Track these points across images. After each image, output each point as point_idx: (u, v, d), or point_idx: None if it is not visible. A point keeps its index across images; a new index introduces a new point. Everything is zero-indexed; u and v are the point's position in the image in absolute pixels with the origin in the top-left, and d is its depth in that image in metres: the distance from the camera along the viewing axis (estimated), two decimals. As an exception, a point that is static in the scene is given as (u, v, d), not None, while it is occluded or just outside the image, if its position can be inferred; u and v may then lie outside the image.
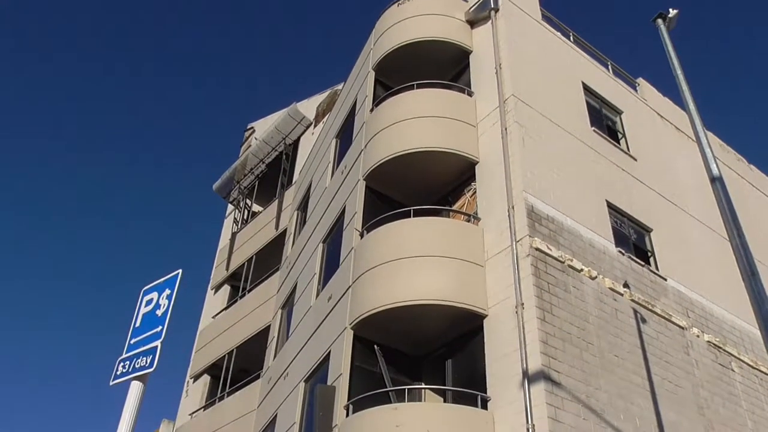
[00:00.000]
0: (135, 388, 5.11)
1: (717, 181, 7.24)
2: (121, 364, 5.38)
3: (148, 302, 5.63)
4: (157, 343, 5.17)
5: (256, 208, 24.24)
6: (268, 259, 20.25)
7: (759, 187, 18.47)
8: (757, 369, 12.66)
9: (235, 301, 20.93)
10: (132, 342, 5.51)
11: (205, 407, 19.34)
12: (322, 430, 10.28)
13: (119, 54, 68.12)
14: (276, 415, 14.36)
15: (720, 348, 12.28)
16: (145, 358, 5.18)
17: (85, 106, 67.32)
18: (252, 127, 27.96)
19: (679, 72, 8.41)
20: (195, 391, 20.46)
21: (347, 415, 10.27)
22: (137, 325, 5.62)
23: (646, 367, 10.50)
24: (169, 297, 5.42)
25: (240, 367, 18.74)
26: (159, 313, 5.40)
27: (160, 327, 5.29)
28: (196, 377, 20.65)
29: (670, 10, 9.00)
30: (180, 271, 5.48)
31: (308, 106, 23.05)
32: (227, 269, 22.49)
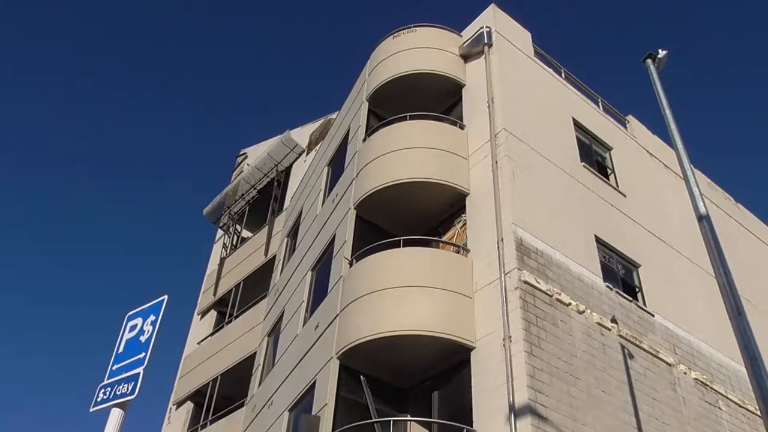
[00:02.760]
0: (115, 416, 5.03)
1: (704, 219, 7.30)
2: (102, 390, 5.30)
3: (132, 327, 5.57)
4: (140, 369, 5.10)
5: (245, 233, 24.18)
6: (256, 285, 20.13)
7: (746, 225, 18.64)
8: (744, 408, 12.63)
9: (222, 326, 20.74)
10: (114, 368, 5.43)
11: (187, 435, 19.00)
12: (305, 462, 10.11)
13: (115, 75, 68.41)
14: (259, 445, 14.12)
15: (707, 385, 12.26)
16: (126, 385, 5.10)
17: (76, 126, 67.31)
18: (245, 153, 28.05)
19: (667, 111, 8.55)
20: (177, 419, 20.11)
21: (331, 446, 10.12)
22: (120, 350, 5.55)
23: (634, 404, 10.44)
24: (153, 323, 5.36)
25: (224, 395, 18.48)
26: (143, 339, 5.34)
27: (144, 353, 5.22)
28: (179, 404, 20.32)
29: (660, 51, 9.17)
30: (166, 297, 5.44)
31: (301, 134, 23.19)
32: (215, 294, 22.33)
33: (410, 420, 10.73)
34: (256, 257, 21.12)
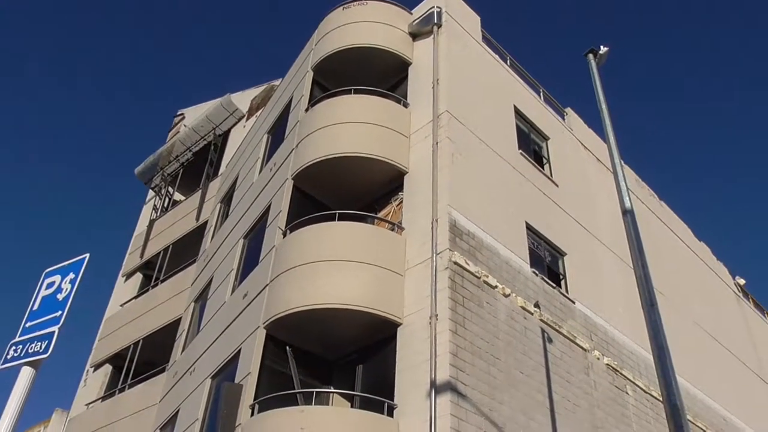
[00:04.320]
0: (26, 374, 4.84)
1: (628, 214, 7.61)
2: (13, 347, 5.08)
3: (50, 285, 5.34)
4: (55, 328, 4.91)
5: (177, 196, 23.54)
6: (186, 250, 19.69)
7: (667, 223, 19.57)
8: (649, 393, 13.38)
9: (147, 290, 20.23)
10: (27, 325, 5.21)
11: (104, 398, 18.54)
12: (224, 429, 10.07)
13: (53, 23, 64.66)
14: (178, 411, 13.94)
15: (617, 371, 12.90)
16: (40, 343, 4.91)
17: (7, 79, 63.41)
18: (182, 114, 27.15)
19: (603, 105, 8.80)
20: (94, 381, 19.57)
21: (252, 414, 10.11)
22: (35, 308, 5.32)
23: (548, 385, 10.88)
24: (72, 281, 5.16)
25: (145, 359, 18.09)
26: (60, 297, 5.14)
27: (60, 312, 5.03)
28: (97, 366, 19.77)
29: (602, 47, 9.41)
30: (87, 255, 5.23)
31: (243, 99, 22.63)
32: (141, 257, 21.71)
33: (333, 392, 10.82)
34: (187, 221, 20.61)
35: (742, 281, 22.80)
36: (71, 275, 5.23)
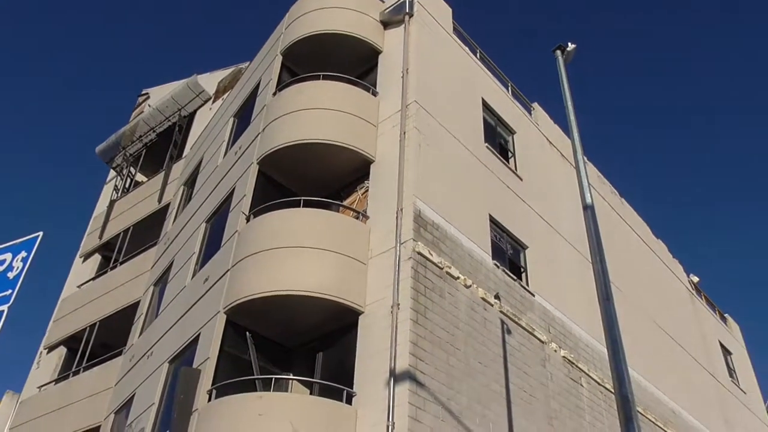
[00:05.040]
0: (-28, 354, 4.68)
1: (588, 209, 7.74)
2: (-40, 326, 4.91)
3: (0, 263, 5.18)
4: (5, 307, 4.77)
5: (140, 177, 23.09)
6: (147, 232, 19.35)
7: (626, 220, 19.99)
8: (603, 386, 13.70)
9: (105, 272, 19.83)
10: (-25, 303, 5.04)
11: (57, 381, 18.15)
12: (180, 413, 9.96)
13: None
14: (134, 395, 13.74)
15: (573, 364, 13.17)
16: (-12, 323, 4.76)
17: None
18: (147, 93, 26.58)
19: (568, 102, 8.92)
20: (48, 363, 19.13)
21: (209, 400, 10.02)
22: (-16, 286, 5.16)
23: (506, 376, 11.05)
24: (24, 260, 5.01)
25: (102, 342, 17.76)
26: (11, 275, 4.99)
27: (10, 290, 4.88)
28: (51, 348, 19.32)
29: (569, 44, 9.51)
30: (41, 233, 5.09)
31: (210, 80, 22.25)
32: (100, 238, 21.26)
33: (292, 378, 10.80)
34: (149, 203, 20.25)
35: (696, 279, 23.48)
36: (23, 253, 5.08)
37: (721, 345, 22.44)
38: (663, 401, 16.02)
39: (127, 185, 22.86)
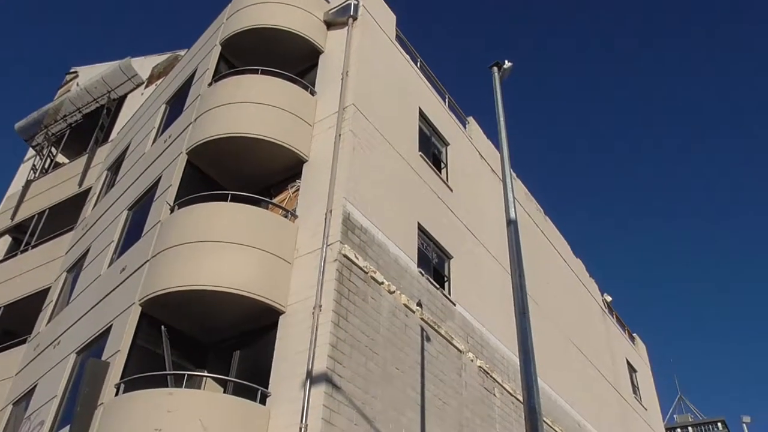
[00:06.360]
0: None
1: (512, 224, 7.96)
2: None
3: None
4: None
5: (61, 159, 22.06)
6: (63, 216, 18.50)
7: (549, 237, 20.67)
8: (515, 396, 14.07)
9: (15, 254, 18.80)
10: None
11: (-48, 368, 17.01)
12: (84, 407, 9.55)
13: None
14: (36, 386, 13.06)
15: (488, 374, 13.47)
16: None
17: None
18: (76, 72, 25.44)
19: (501, 118, 9.16)
20: (-57, 348, 17.91)
21: (117, 394, 9.65)
22: None
23: (422, 383, 11.18)
24: None
25: (5, 328, 16.82)
26: None
27: None
28: (-52, 333, 18.11)
29: (506, 61, 9.77)
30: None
31: (144, 65, 21.53)
32: (12, 218, 20.16)
33: (206, 376, 10.54)
34: (68, 186, 19.37)
35: (609, 298, 24.53)
36: None
37: (628, 363, 23.51)
38: (570, 414, 16.62)
39: (46, 166, 21.82)
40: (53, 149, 22.30)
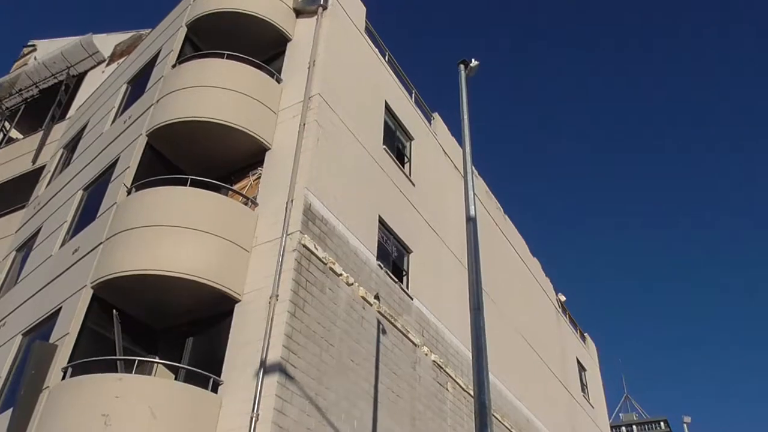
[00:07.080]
0: None
1: (471, 221, 8.04)
2: None
3: None
4: None
5: (15, 134, 21.35)
6: (14, 193, 17.94)
7: (507, 236, 20.96)
8: (467, 391, 14.27)
9: (-39, 231, 18.12)
10: None
11: None
12: (28, 390, 9.30)
13: None
14: (-22, 368, 12.65)
15: (442, 368, 13.62)
16: None
17: None
18: (34, 45, 24.65)
19: (465, 115, 9.23)
20: None
21: (63, 377, 9.43)
22: None
23: (376, 375, 11.24)
24: None
25: (-52, 307, 16.20)
26: None
27: None
28: None
29: (473, 60, 9.85)
30: None
31: (106, 42, 20.99)
32: (-40, 194, 19.41)
33: (157, 362, 10.39)
34: (21, 162, 18.77)
35: (563, 298, 25.05)
36: None
37: (578, 361, 24.07)
38: (519, 409, 16.94)
39: (-2, 140, 21.09)
40: (6, 124, 21.58)
